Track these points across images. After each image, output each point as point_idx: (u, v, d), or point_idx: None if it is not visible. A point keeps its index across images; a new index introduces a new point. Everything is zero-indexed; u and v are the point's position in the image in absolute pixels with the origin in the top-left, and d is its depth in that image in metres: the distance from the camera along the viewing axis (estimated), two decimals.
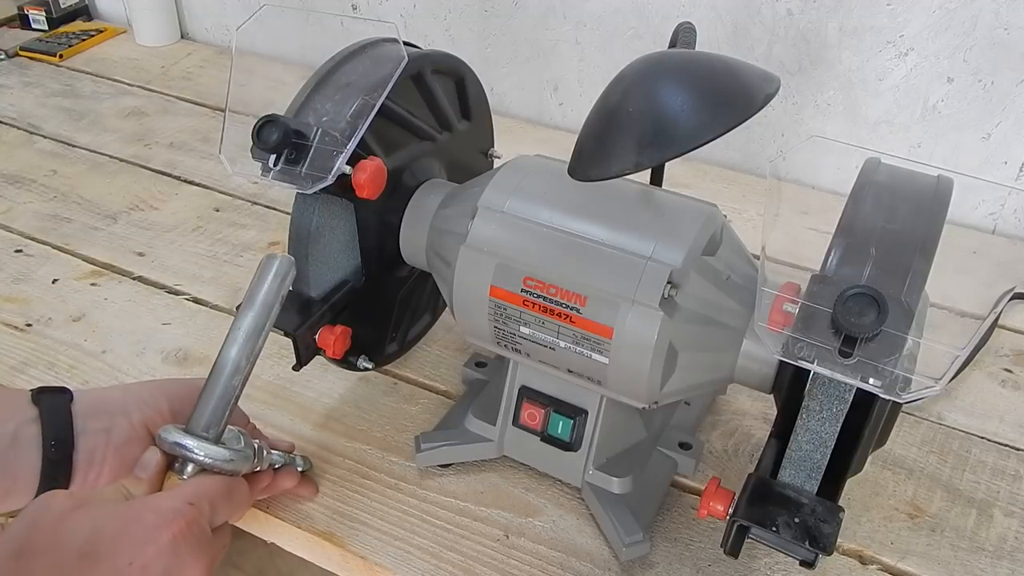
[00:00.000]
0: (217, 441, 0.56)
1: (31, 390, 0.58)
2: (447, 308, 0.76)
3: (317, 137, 0.59)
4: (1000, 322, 0.85)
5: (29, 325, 0.84)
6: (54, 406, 0.57)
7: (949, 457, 0.71)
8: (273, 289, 0.56)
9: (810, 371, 0.46)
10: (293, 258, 0.58)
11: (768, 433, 0.55)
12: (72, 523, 0.49)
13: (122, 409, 0.58)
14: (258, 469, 0.60)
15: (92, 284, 0.89)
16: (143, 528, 0.50)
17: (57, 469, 0.55)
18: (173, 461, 0.55)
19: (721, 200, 0.62)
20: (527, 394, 0.65)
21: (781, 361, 0.50)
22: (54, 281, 0.89)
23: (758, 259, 0.51)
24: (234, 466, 0.56)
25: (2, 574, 0.48)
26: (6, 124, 1.18)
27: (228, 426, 0.57)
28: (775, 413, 0.56)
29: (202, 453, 0.54)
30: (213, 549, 0.53)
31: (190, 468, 0.55)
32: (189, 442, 0.54)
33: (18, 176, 1.07)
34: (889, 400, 0.45)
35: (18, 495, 0.54)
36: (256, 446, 0.59)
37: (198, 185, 1.06)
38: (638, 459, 0.66)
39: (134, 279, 0.90)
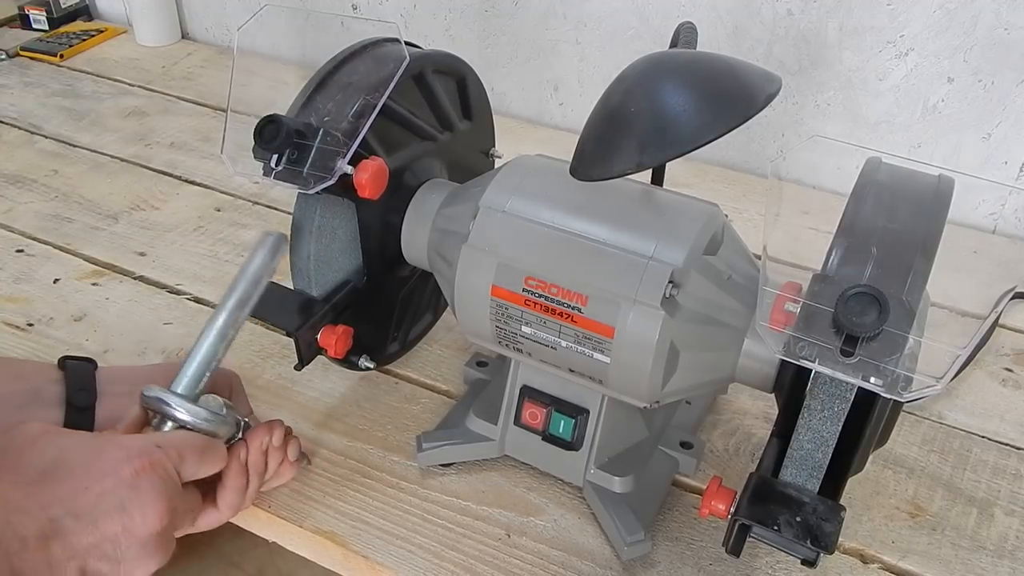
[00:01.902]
0: (195, 401, 0.57)
1: (60, 357, 0.61)
2: (448, 308, 0.76)
3: (319, 137, 0.59)
4: (1000, 321, 0.85)
5: (31, 325, 0.84)
6: (79, 370, 0.61)
7: (950, 456, 0.71)
8: (264, 263, 0.58)
9: (811, 370, 0.46)
10: (286, 235, 0.59)
11: (769, 432, 0.56)
12: (40, 446, 0.51)
13: (147, 378, 0.60)
14: (240, 438, 0.60)
15: (93, 284, 0.89)
16: (106, 459, 0.51)
17: (80, 418, 0.58)
18: (152, 417, 0.57)
19: (722, 200, 0.62)
20: (528, 393, 0.65)
21: (782, 360, 0.50)
22: (55, 281, 0.90)
23: (759, 259, 0.51)
24: (210, 426, 0.57)
25: None
26: (7, 124, 1.18)
27: (214, 396, 0.59)
28: (776, 412, 0.56)
29: (181, 409, 0.56)
30: (179, 498, 0.53)
31: (168, 425, 0.56)
32: (169, 398, 0.56)
33: (19, 176, 1.07)
34: (890, 399, 0.45)
35: None
36: (239, 421, 0.60)
37: (199, 185, 1.07)
38: (639, 458, 0.66)
39: (135, 279, 0.90)
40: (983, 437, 0.73)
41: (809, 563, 0.50)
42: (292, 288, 0.65)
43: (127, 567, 0.51)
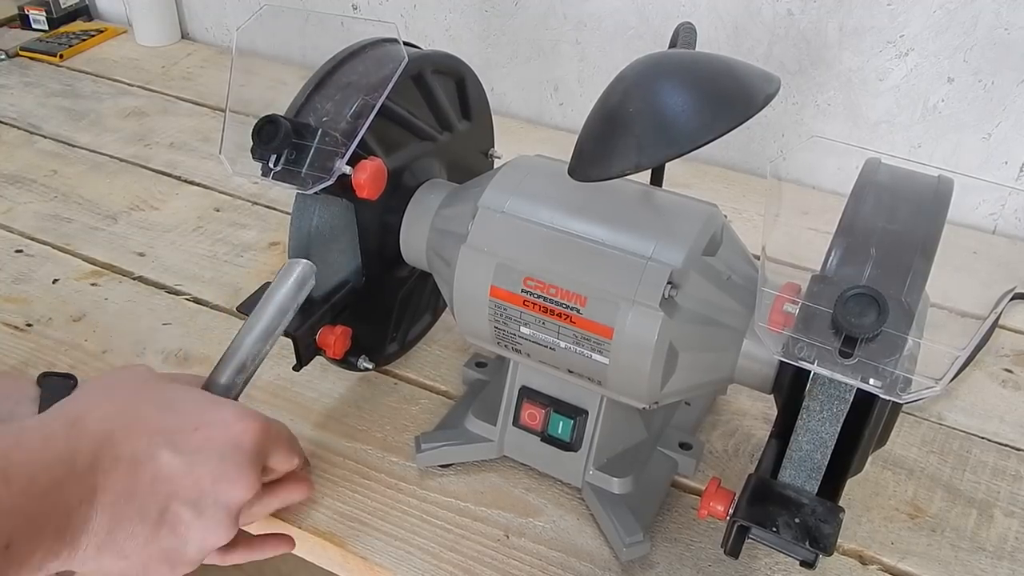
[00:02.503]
0: None
1: (39, 374, 0.59)
2: (447, 308, 0.76)
3: (317, 137, 0.58)
4: (1000, 322, 0.85)
5: (29, 325, 0.84)
6: (56, 388, 0.59)
7: (949, 457, 0.71)
8: (291, 294, 0.58)
9: (810, 371, 0.46)
10: (314, 265, 0.59)
11: (768, 433, 0.55)
12: (161, 384, 0.55)
13: None
14: None
15: (92, 284, 0.89)
16: (220, 412, 0.54)
17: None
18: None
19: (721, 200, 0.62)
20: (527, 394, 0.65)
21: (781, 361, 0.50)
22: (54, 281, 0.90)
23: (758, 259, 0.51)
24: None
25: (91, 395, 0.53)
26: (6, 124, 1.18)
27: None
28: (775, 413, 0.56)
29: None
30: (258, 482, 0.54)
31: None
32: None
33: (18, 176, 1.07)
34: (889, 400, 0.45)
35: None
36: None
37: (198, 185, 1.06)
38: (638, 459, 0.66)
39: (134, 279, 0.90)
40: (983, 438, 0.73)
41: (808, 564, 0.50)
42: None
43: (205, 524, 0.52)
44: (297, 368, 0.64)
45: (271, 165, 0.59)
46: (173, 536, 0.51)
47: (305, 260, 0.59)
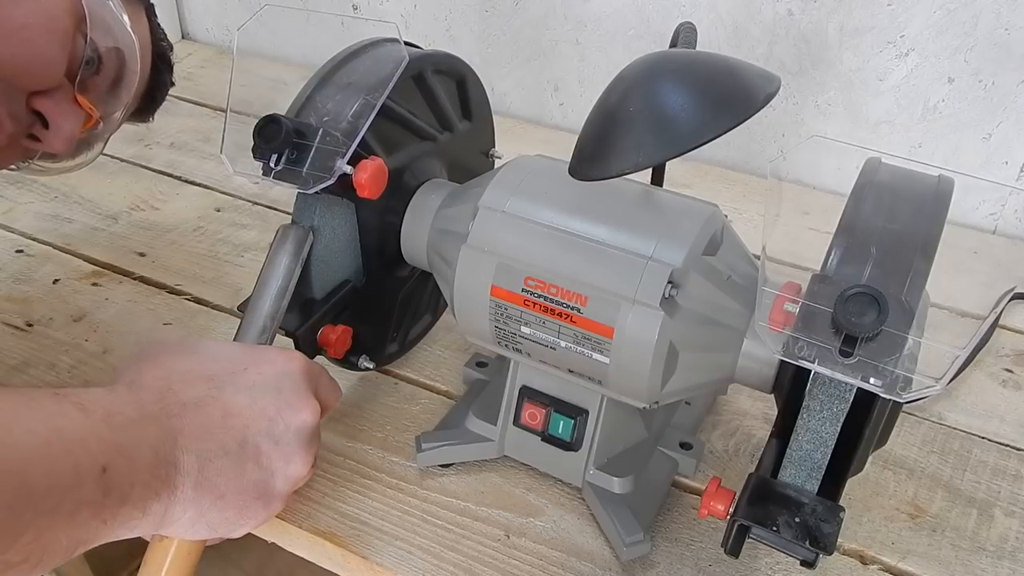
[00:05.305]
0: None
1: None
2: (448, 308, 0.76)
3: (318, 137, 0.59)
4: (1000, 322, 0.85)
5: (30, 325, 0.84)
6: None
7: (950, 457, 0.71)
8: (293, 250, 0.61)
9: (811, 371, 0.46)
10: (309, 227, 0.62)
11: (769, 433, 0.55)
12: (198, 341, 0.57)
13: None
14: None
15: (93, 284, 0.89)
16: (263, 353, 0.56)
17: None
18: None
19: (721, 200, 0.62)
20: (528, 394, 0.65)
21: (782, 361, 0.50)
22: (55, 281, 0.90)
23: (758, 259, 0.51)
24: None
25: (136, 364, 0.53)
26: None
27: None
28: (775, 413, 0.56)
29: None
30: (316, 413, 0.56)
31: None
32: None
33: (19, 176, 1.07)
34: (890, 400, 0.45)
35: None
36: None
37: (199, 185, 1.07)
38: (639, 459, 0.66)
39: (135, 279, 0.90)
40: (983, 438, 0.73)
41: (808, 564, 0.50)
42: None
43: (284, 453, 0.54)
44: None
45: (272, 165, 0.59)
46: (258, 468, 0.53)
47: (295, 224, 0.62)
